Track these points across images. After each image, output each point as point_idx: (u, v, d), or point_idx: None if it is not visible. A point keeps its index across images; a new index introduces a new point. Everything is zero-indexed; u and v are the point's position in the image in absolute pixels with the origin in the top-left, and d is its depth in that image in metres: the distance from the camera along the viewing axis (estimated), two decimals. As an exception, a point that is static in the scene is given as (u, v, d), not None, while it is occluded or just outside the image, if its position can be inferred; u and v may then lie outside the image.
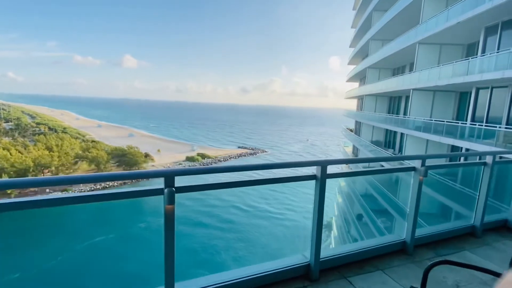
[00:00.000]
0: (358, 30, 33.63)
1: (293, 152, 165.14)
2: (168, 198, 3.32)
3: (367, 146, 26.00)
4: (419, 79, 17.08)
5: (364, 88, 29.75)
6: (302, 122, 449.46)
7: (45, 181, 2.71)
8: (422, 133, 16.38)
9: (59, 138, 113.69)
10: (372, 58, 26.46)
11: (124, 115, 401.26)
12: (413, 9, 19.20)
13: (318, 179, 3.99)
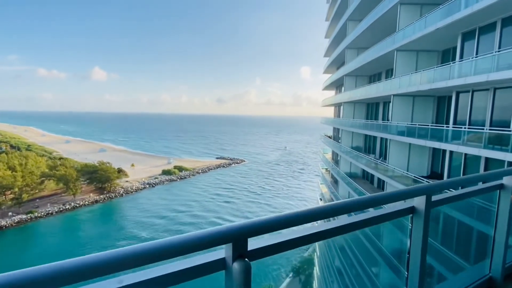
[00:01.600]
0: (333, 40, 34.32)
1: (271, 160, 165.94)
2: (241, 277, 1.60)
3: (348, 152, 26.04)
4: (400, 84, 17.29)
5: (341, 96, 30.13)
6: (278, 131, 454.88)
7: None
8: (406, 137, 16.42)
9: (23, 156, 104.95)
10: (349, 66, 26.86)
11: (95, 130, 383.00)
12: (388, 18, 19.64)
13: (420, 213, 2.53)
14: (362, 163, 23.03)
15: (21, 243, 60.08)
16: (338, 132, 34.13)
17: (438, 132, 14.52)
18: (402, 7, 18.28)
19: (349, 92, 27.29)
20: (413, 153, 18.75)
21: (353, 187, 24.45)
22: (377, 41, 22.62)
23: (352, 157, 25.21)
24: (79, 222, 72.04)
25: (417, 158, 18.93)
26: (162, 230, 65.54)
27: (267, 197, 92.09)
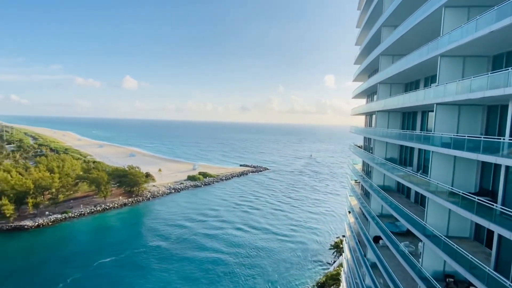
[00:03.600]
0: (364, 47, 33.06)
1: (295, 169, 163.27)
2: None
3: (383, 164, 24.46)
4: (445, 92, 15.92)
5: (374, 104, 28.69)
6: (302, 139, 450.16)
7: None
8: (452, 150, 14.96)
9: (61, 159, 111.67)
10: (383, 74, 25.55)
11: (126, 135, 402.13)
12: (430, 22, 18.37)
13: None
14: (398, 175, 21.44)
15: (56, 241, 63.06)
16: (370, 142, 32.45)
17: (493, 145, 13.03)
18: (447, 10, 16.98)
19: (383, 100, 25.84)
20: (459, 167, 17.08)
21: (388, 201, 22.81)
22: (415, 47, 21.26)
23: (387, 169, 23.60)
24: (111, 223, 74.52)
25: (463, 173, 17.22)
26: (191, 233, 66.30)
27: (291, 206, 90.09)
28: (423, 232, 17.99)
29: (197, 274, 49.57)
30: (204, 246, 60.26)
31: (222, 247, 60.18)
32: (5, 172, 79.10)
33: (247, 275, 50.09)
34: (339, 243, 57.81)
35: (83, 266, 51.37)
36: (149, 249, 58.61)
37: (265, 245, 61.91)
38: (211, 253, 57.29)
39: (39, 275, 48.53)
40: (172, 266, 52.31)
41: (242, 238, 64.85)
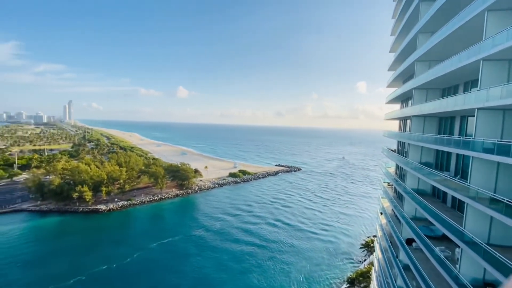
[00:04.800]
0: (399, 53, 30.79)
1: (327, 170, 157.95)
2: None
3: (419, 168, 22.40)
4: (488, 97, 14.10)
5: (409, 109, 26.48)
6: (334, 142, 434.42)
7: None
8: (496, 156, 13.17)
9: (127, 155, 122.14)
10: (419, 79, 23.50)
11: (178, 137, 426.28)
12: (470, 27, 16.48)
13: None
14: (435, 180, 19.49)
15: (123, 223, 69.09)
16: (404, 146, 30.08)
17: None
18: (489, 13, 15.04)
19: (419, 105, 23.73)
20: (502, 173, 14.98)
21: (422, 205, 20.85)
22: (453, 52, 19.25)
23: (424, 174, 21.58)
24: (164, 211, 79.49)
25: (507, 180, 15.08)
26: (230, 226, 67.54)
27: (322, 206, 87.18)
28: (461, 238, 16.11)
29: (234, 263, 50.15)
30: (241, 238, 60.81)
31: (257, 240, 60.22)
32: (86, 165, 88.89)
33: (280, 267, 49.45)
34: (369, 242, 54.46)
35: (146, 245, 55.50)
36: (196, 236, 61.24)
37: (297, 241, 60.60)
38: (247, 245, 57.56)
39: (112, 249, 53.59)
40: (214, 253, 53.89)
41: (276, 233, 64.25)
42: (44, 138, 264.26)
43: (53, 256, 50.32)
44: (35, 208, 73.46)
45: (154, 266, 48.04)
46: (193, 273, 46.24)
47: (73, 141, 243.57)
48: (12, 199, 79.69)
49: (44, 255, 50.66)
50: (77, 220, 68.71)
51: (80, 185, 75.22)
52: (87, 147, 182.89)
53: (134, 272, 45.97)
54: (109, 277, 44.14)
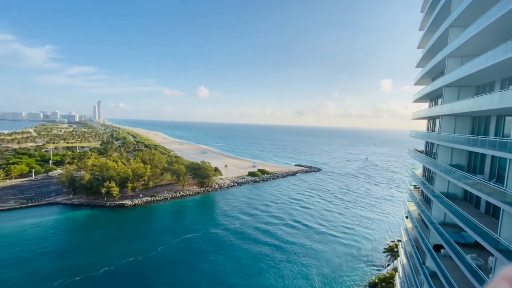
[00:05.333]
0: (428, 49, 29.11)
1: (349, 171, 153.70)
2: None
3: (449, 171, 21.07)
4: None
5: (439, 108, 24.99)
6: (357, 142, 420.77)
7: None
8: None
9: (152, 153, 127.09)
10: (450, 76, 22.05)
11: (200, 135, 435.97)
12: (509, 19, 15.23)
13: None
14: (467, 184, 18.28)
15: (147, 218, 72.01)
16: (432, 147, 28.50)
17: None
18: (532, 4, 13.88)
19: (449, 104, 22.30)
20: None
21: (453, 210, 19.63)
22: (488, 47, 17.92)
23: (455, 177, 20.27)
24: (186, 207, 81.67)
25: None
26: (249, 225, 67.96)
27: (343, 208, 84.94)
28: (496, 246, 15.00)
29: (252, 263, 50.27)
30: (259, 238, 60.76)
31: (275, 241, 59.89)
32: (114, 162, 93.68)
33: (298, 269, 48.76)
34: (393, 247, 52.27)
35: (169, 240, 57.51)
36: (219, 231, 62.47)
37: (317, 243, 59.47)
38: (265, 245, 57.37)
39: (137, 242, 56.11)
40: (232, 251, 54.50)
41: (294, 235, 63.50)
42: (76, 136, 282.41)
43: (83, 247, 53.71)
44: (68, 201, 78.74)
45: (176, 260, 49.63)
46: (212, 271, 47.10)
47: (102, 139, 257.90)
48: (48, 192, 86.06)
49: (75, 246, 54.21)
50: (105, 214, 72.69)
51: (108, 181, 79.46)
52: (115, 145, 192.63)
53: (158, 265, 47.85)
54: (135, 268, 46.36)
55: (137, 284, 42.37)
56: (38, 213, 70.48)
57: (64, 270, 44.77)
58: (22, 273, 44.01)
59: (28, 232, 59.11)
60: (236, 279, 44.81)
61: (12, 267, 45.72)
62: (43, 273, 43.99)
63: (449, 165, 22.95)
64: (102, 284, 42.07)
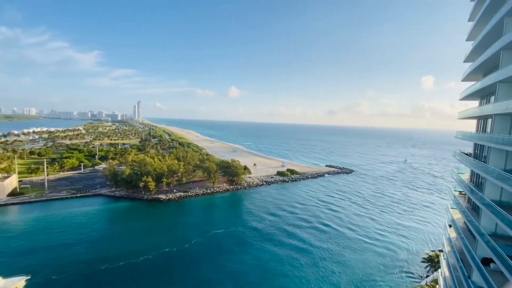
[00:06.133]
0: (479, 42, 26.27)
1: (384, 174, 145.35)
2: None
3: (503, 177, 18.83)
4: None
5: (492, 107, 22.45)
6: (393, 143, 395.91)
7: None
8: None
9: (185, 151, 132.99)
10: (506, 71, 19.69)
11: (230, 134, 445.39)
12: None
13: None
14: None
15: (181, 212, 75.51)
16: (483, 150, 25.73)
17: None
18: None
19: (505, 102, 19.92)
20: None
21: (506, 220, 17.57)
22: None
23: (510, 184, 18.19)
24: (216, 204, 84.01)
25: None
26: (276, 225, 67.68)
27: (377, 213, 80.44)
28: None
29: (277, 265, 49.81)
30: (287, 239, 60.06)
31: (306, 239, 59.11)
32: (151, 158, 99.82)
33: (326, 274, 47.13)
34: (434, 257, 48.37)
35: (201, 233, 59.99)
36: (247, 230, 63.21)
37: (347, 248, 57.03)
38: (292, 247, 56.47)
39: (172, 234, 59.42)
40: (263, 247, 54.87)
41: (323, 238, 61.58)
42: (118, 134, 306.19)
43: (124, 236, 58.17)
44: (110, 193, 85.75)
45: (207, 255, 51.43)
46: (246, 262, 47.99)
47: (140, 136, 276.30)
48: (94, 184, 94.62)
49: (117, 234, 58.92)
50: (142, 206, 77.86)
51: (145, 176, 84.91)
52: (152, 142, 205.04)
53: (191, 257, 50.16)
54: (171, 258, 49.23)
55: (173, 274, 44.76)
56: (86, 203, 77.90)
57: (108, 255, 48.95)
58: (73, 254, 49.10)
59: (78, 219, 65.67)
60: (260, 279, 44.95)
61: (65, 248, 51.21)
62: (91, 256, 48.58)
63: (503, 170, 20.54)
64: (142, 270, 45.22)
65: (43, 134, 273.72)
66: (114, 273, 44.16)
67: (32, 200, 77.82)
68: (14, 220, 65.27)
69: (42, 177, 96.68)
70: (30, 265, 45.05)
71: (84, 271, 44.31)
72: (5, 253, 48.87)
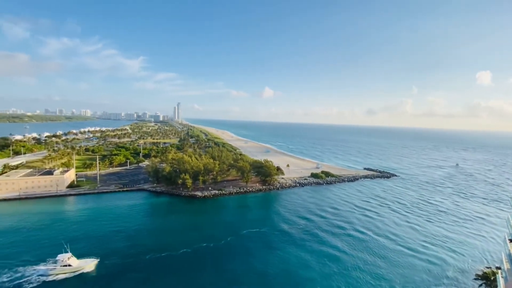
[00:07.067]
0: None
1: (431, 180, 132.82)
2: None
3: None
4: None
5: None
6: (439, 145, 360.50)
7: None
8: None
9: (220, 150, 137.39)
10: None
11: (263, 135, 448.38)
12: None
13: None
14: None
15: (216, 209, 78.07)
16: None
17: None
18: None
19: None
20: None
21: None
22: None
23: None
24: (249, 203, 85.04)
25: None
26: (313, 226, 66.38)
27: (422, 221, 73.67)
28: None
29: (317, 265, 49.06)
30: (326, 241, 58.72)
31: (340, 246, 56.89)
32: (189, 157, 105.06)
33: (364, 281, 44.94)
34: (489, 274, 43.10)
35: (235, 232, 61.63)
36: (278, 232, 63.00)
37: (388, 255, 53.57)
38: (332, 249, 55.14)
39: (209, 230, 62.12)
40: (294, 251, 54.25)
41: (363, 242, 58.63)
42: (160, 133, 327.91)
43: (165, 229, 62.32)
44: (152, 189, 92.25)
45: (244, 251, 52.92)
46: (278, 265, 48.14)
47: (179, 136, 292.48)
48: (138, 180, 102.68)
49: (158, 227, 63.31)
50: (180, 202, 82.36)
51: (184, 173, 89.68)
52: (190, 142, 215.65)
53: (227, 253, 52.00)
54: (208, 253, 51.51)
55: (208, 268, 46.79)
56: (131, 196, 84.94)
57: (151, 246, 53.00)
58: (120, 243, 54.09)
59: (124, 211, 71.99)
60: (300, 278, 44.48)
61: (113, 237, 56.57)
62: (136, 246, 53.05)
63: None
64: (182, 262, 48.16)
65: (96, 133, 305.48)
66: (157, 262, 47.87)
67: (87, 192, 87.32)
68: (72, 210, 73.97)
69: (95, 171, 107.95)
70: (91, 250, 50.74)
71: (134, 258, 48.70)
72: (67, 238, 55.62)
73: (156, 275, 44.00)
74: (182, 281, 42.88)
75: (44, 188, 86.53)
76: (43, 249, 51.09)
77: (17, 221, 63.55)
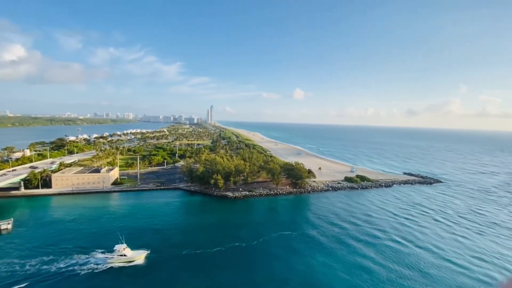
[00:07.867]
0: None
1: (484, 187, 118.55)
2: None
3: None
4: None
5: None
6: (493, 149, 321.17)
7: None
8: None
9: (250, 152, 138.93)
10: None
11: (294, 136, 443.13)
12: None
13: None
14: None
15: (247, 210, 78.98)
16: None
17: None
18: None
19: None
20: None
21: None
22: None
23: None
24: (280, 205, 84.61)
25: None
26: (345, 233, 64.06)
27: (473, 232, 66.31)
28: None
29: (346, 275, 46.90)
30: (357, 249, 56.06)
31: (373, 256, 53.60)
32: (220, 158, 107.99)
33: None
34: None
35: (268, 232, 62.15)
36: (307, 237, 61.72)
37: (430, 270, 48.95)
38: (364, 258, 52.37)
39: (240, 230, 63.38)
40: (327, 257, 52.70)
41: (400, 253, 54.61)
42: (194, 135, 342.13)
43: (199, 227, 64.86)
44: (187, 188, 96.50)
45: (274, 253, 53.00)
46: (304, 272, 47.19)
47: (212, 138, 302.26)
48: (174, 179, 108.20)
49: (193, 225, 66.07)
50: (213, 201, 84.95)
51: (216, 174, 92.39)
52: (222, 143, 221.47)
53: (259, 254, 52.68)
54: (240, 253, 52.66)
55: (242, 267, 47.79)
56: (167, 194, 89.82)
57: (188, 243, 55.68)
58: (158, 238, 57.54)
59: (162, 209, 76.40)
60: (327, 287, 43.12)
61: (151, 233, 60.35)
62: (173, 242, 56.14)
63: None
64: (216, 260, 49.81)
65: (137, 134, 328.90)
66: (194, 258, 50.23)
67: (129, 189, 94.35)
68: (116, 205, 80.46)
69: (136, 170, 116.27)
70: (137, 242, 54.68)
71: (174, 252, 51.83)
72: (113, 230, 60.62)
73: (193, 271, 46.07)
74: (216, 279, 44.18)
75: (92, 185, 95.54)
76: (96, 239, 56.66)
77: (71, 213, 71.25)
